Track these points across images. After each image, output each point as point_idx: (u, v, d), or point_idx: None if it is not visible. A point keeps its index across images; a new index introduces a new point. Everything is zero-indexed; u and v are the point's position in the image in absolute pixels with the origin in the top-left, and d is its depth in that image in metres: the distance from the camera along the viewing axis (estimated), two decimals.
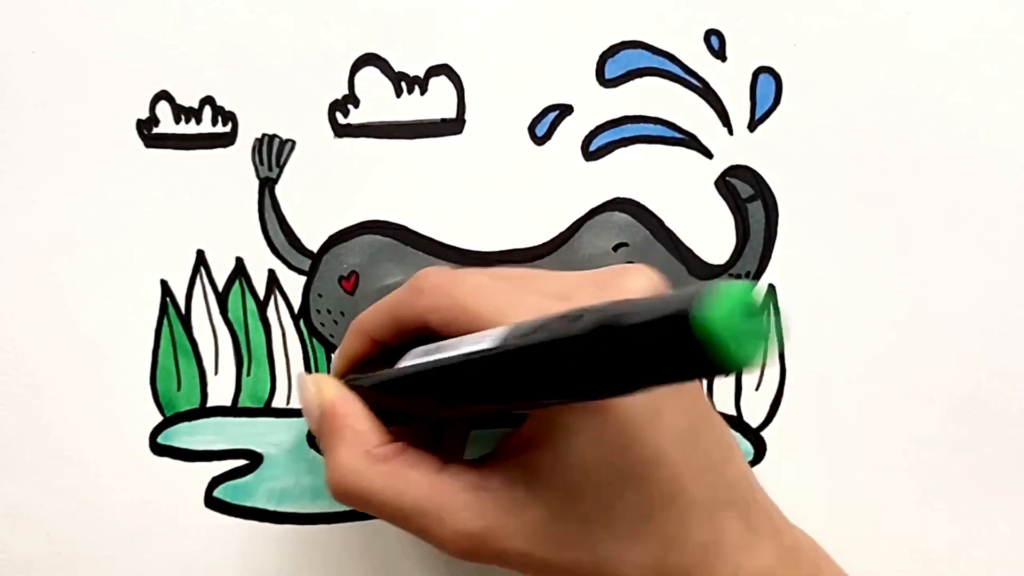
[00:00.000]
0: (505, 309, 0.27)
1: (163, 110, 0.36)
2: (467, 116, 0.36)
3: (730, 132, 0.36)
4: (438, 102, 0.36)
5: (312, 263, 0.36)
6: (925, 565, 0.38)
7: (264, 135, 0.36)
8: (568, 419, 0.27)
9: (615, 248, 0.36)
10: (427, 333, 0.29)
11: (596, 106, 0.36)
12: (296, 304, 0.36)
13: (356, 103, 0.36)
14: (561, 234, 0.36)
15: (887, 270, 0.37)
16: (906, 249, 0.37)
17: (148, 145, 0.36)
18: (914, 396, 0.37)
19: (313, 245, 0.36)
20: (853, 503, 0.37)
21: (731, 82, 0.36)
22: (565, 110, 0.36)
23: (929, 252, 0.37)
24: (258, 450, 0.37)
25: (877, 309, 0.37)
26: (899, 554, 0.38)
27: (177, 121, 0.36)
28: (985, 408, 0.37)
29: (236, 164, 0.36)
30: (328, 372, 0.36)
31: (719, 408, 0.37)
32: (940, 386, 0.37)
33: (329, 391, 0.30)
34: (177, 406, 0.36)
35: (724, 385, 0.37)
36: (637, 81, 0.36)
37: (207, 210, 0.36)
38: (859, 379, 0.37)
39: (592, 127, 0.36)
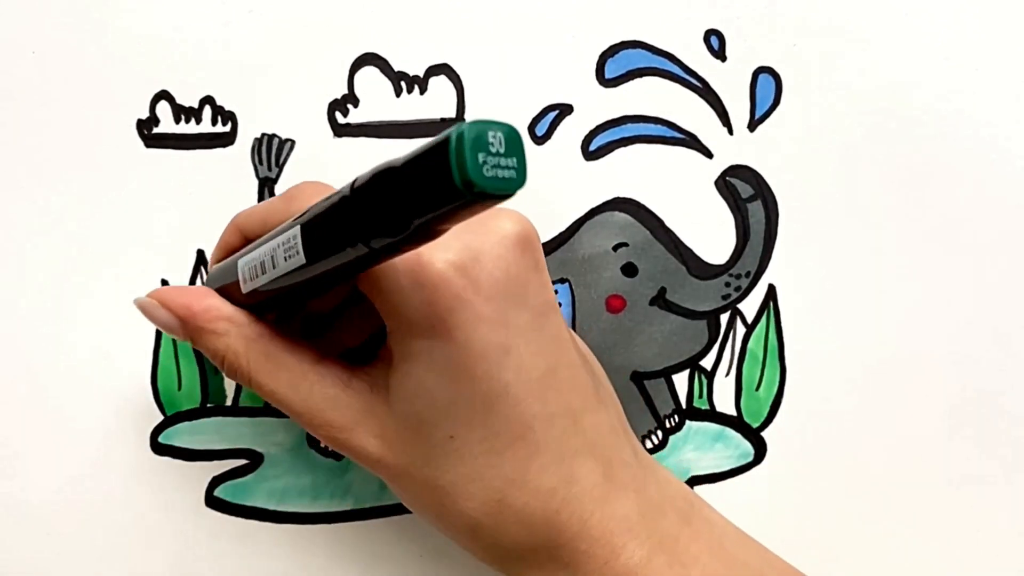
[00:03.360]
0: None
1: (163, 110, 0.36)
2: (467, 116, 0.36)
3: (730, 132, 0.36)
4: (438, 102, 0.36)
5: None
6: (925, 565, 0.38)
7: (264, 135, 0.36)
8: (413, 345, 0.27)
9: (615, 248, 0.36)
10: None
11: (596, 106, 0.36)
12: None
13: (356, 103, 0.36)
14: (561, 234, 0.36)
15: (887, 270, 0.37)
16: (906, 249, 0.37)
17: (148, 145, 0.36)
18: (913, 396, 0.37)
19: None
20: (852, 502, 0.37)
21: (731, 82, 0.36)
22: (565, 110, 0.36)
23: (929, 252, 0.37)
24: (258, 450, 0.37)
25: (877, 309, 0.37)
26: (899, 554, 0.38)
27: (177, 121, 0.36)
28: (985, 408, 0.37)
29: (236, 164, 0.36)
30: None
31: (719, 408, 0.37)
32: (939, 386, 0.37)
33: (176, 298, 0.30)
34: (178, 405, 0.36)
35: (724, 385, 0.37)
36: (637, 81, 0.36)
37: (207, 210, 0.36)
38: (859, 379, 0.37)
39: (592, 127, 0.36)
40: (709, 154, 0.37)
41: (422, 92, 0.36)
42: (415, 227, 0.22)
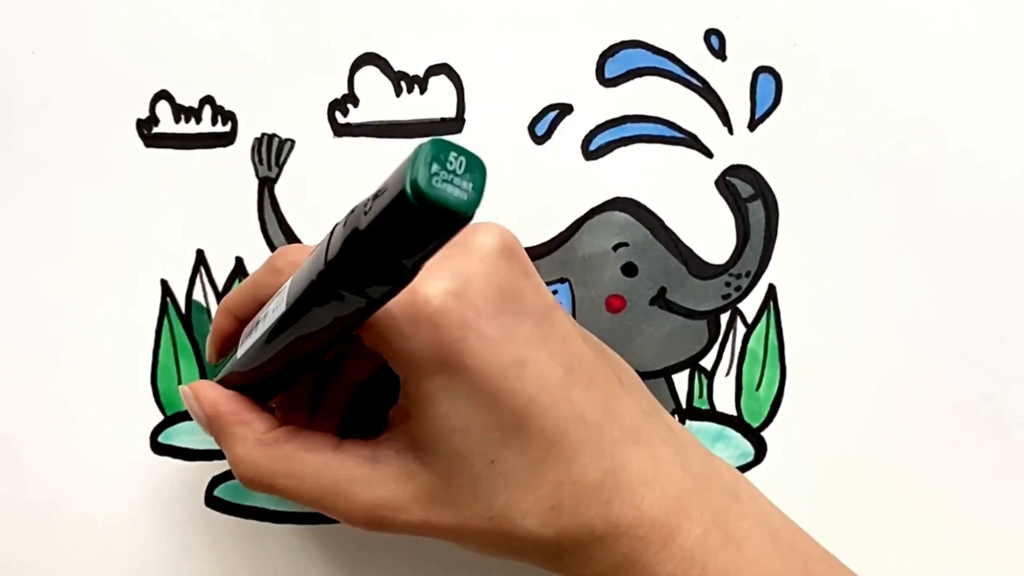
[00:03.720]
0: None
1: (163, 110, 0.36)
2: (467, 115, 0.36)
3: (730, 132, 0.36)
4: (438, 101, 0.36)
5: None
6: (925, 564, 0.38)
7: (264, 134, 0.36)
8: (429, 386, 0.27)
9: (615, 248, 0.36)
10: None
11: (596, 106, 0.36)
12: None
13: (356, 102, 0.36)
14: (561, 234, 0.36)
15: (887, 270, 0.37)
16: (906, 249, 0.37)
17: (148, 145, 0.36)
18: (914, 396, 0.37)
19: (313, 244, 0.36)
20: (853, 503, 0.37)
21: (731, 82, 0.36)
22: (565, 109, 0.36)
23: (929, 251, 0.37)
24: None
25: (877, 309, 0.37)
26: (899, 553, 0.38)
27: (177, 121, 0.36)
28: (985, 408, 0.37)
29: (236, 163, 0.36)
30: None
31: (719, 408, 0.37)
32: (940, 386, 0.37)
33: (208, 395, 0.31)
34: (178, 405, 0.36)
35: (724, 385, 0.37)
36: (637, 81, 0.36)
37: (207, 210, 0.36)
38: (859, 379, 0.37)
39: (592, 126, 0.36)
40: (709, 154, 0.37)
41: (422, 92, 0.36)
42: (391, 263, 0.23)
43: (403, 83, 0.36)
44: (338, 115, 0.36)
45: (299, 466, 0.29)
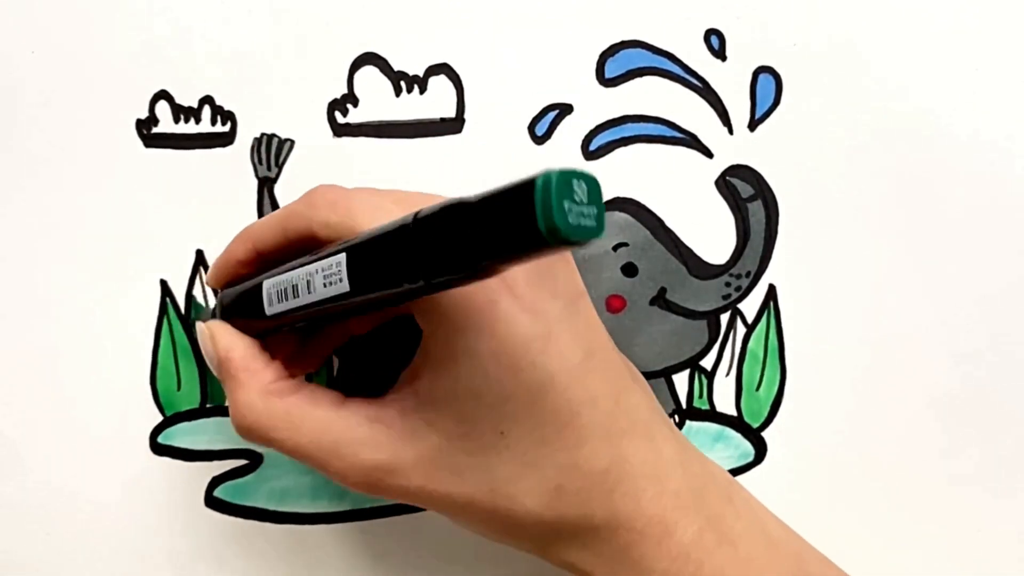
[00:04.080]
0: None
1: (162, 110, 0.36)
2: (467, 115, 0.36)
3: (730, 132, 0.36)
4: (438, 101, 0.36)
5: None
6: (925, 564, 0.38)
7: (263, 134, 0.36)
8: (455, 345, 0.27)
9: (615, 248, 0.36)
10: (312, 247, 0.29)
11: (596, 106, 0.36)
12: None
13: (355, 102, 0.36)
14: None
15: (887, 270, 0.37)
16: (906, 249, 0.37)
17: (148, 145, 0.36)
18: (913, 396, 0.37)
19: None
20: (853, 502, 0.37)
21: (731, 82, 0.36)
22: (565, 109, 0.36)
23: (929, 251, 0.37)
24: (258, 450, 0.37)
25: (877, 309, 0.37)
26: (899, 553, 0.38)
27: (176, 121, 0.36)
28: (985, 408, 0.37)
29: (235, 164, 0.36)
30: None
31: (719, 408, 0.37)
32: (940, 386, 0.37)
33: (223, 338, 0.30)
34: (177, 406, 0.36)
35: (724, 385, 0.37)
36: (637, 81, 0.36)
37: (207, 210, 0.36)
38: (859, 379, 0.37)
39: (592, 126, 0.36)
40: (709, 154, 0.37)
41: (422, 92, 0.36)
42: (483, 267, 0.22)
43: (403, 83, 0.36)
44: (338, 115, 0.36)
45: (299, 420, 0.28)
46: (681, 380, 0.37)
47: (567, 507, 0.28)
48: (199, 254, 0.36)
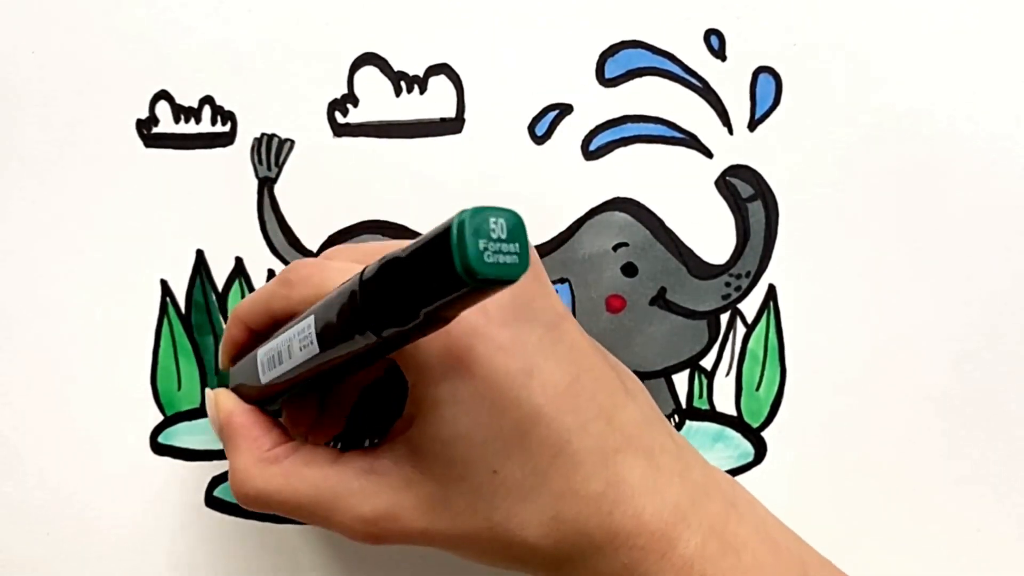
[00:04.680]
0: None
1: (163, 110, 0.36)
2: (467, 115, 0.36)
3: (730, 132, 0.36)
4: (438, 101, 0.36)
5: None
6: (925, 565, 0.38)
7: (263, 134, 0.36)
8: (438, 392, 0.27)
9: (615, 248, 0.36)
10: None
11: (596, 106, 0.36)
12: None
13: (355, 102, 0.36)
14: (561, 234, 0.36)
15: (887, 270, 0.37)
16: (906, 248, 0.37)
17: (148, 145, 0.36)
18: (913, 396, 0.37)
19: (312, 245, 0.36)
20: (853, 503, 0.37)
21: (731, 82, 0.36)
22: (565, 109, 0.36)
23: (929, 251, 0.37)
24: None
25: (877, 309, 0.37)
26: (899, 553, 0.38)
27: (176, 121, 0.36)
28: (984, 408, 0.37)
29: (235, 164, 0.36)
30: None
31: (719, 408, 0.37)
32: (940, 385, 0.37)
33: (225, 405, 0.31)
34: (177, 406, 0.36)
35: (724, 385, 0.37)
36: (637, 81, 0.36)
37: (207, 210, 0.36)
38: (859, 379, 0.37)
39: (592, 127, 0.36)
40: (709, 154, 0.37)
41: (422, 92, 0.36)
42: (424, 316, 0.22)
43: (403, 83, 0.36)
44: (338, 115, 0.36)
45: (297, 481, 0.29)
46: (681, 380, 0.37)
47: (566, 533, 0.28)
48: (199, 254, 0.36)
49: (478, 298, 0.22)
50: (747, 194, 0.37)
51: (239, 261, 0.36)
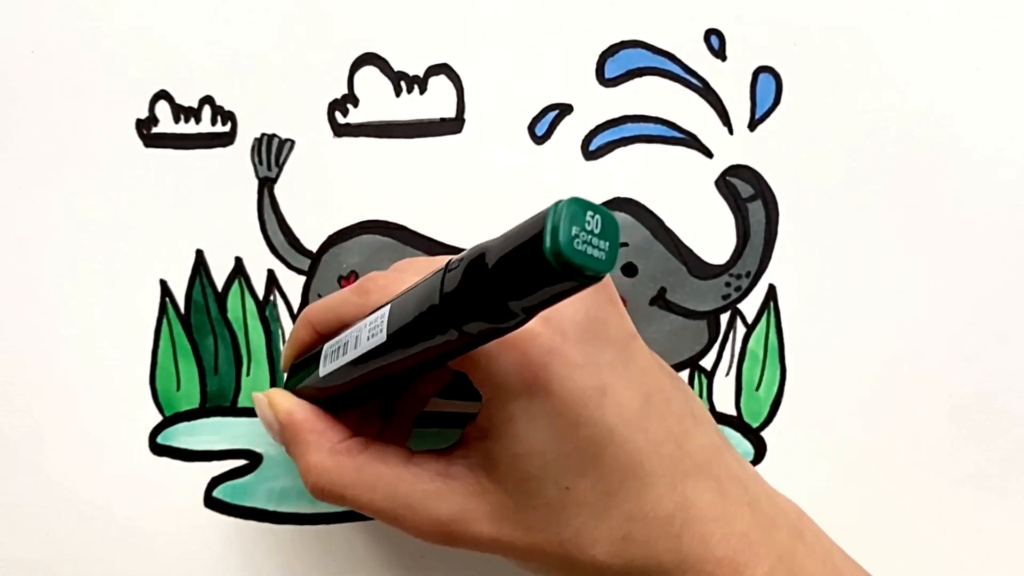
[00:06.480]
0: None
1: (162, 110, 0.36)
2: (467, 116, 0.36)
3: (730, 132, 0.36)
4: (438, 101, 0.36)
5: (311, 263, 0.36)
6: (925, 565, 0.38)
7: (263, 134, 0.36)
8: (512, 408, 0.27)
9: None
10: None
11: (596, 106, 0.36)
12: (296, 304, 0.36)
13: (355, 102, 0.36)
14: None
15: (887, 270, 0.37)
16: (906, 249, 0.37)
17: (147, 145, 0.36)
18: (914, 396, 0.37)
19: (312, 245, 0.36)
20: (853, 503, 0.37)
21: (731, 82, 0.36)
22: (565, 109, 0.36)
23: (929, 251, 0.37)
24: (258, 450, 0.37)
25: (877, 309, 0.37)
26: (899, 553, 0.38)
27: (176, 121, 0.36)
28: (985, 408, 0.37)
29: (235, 164, 0.36)
30: None
31: (719, 408, 0.37)
32: (940, 385, 0.37)
33: (282, 403, 0.31)
34: (177, 406, 0.36)
35: (724, 385, 0.37)
36: (637, 81, 0.36)
37: (206, 210, 0.36)
38: (859, 379, 0.37)
39: (592, 127, 0.36)
40: (709, 154, 0.37)
41: (422, 92, 0.36)
42: (509, 310, 0.22)
43: (403, 83, 0.36)
44: (338, 115, 0.36)
45: (372, 477, 0.29)
46: None
47: (635, 555, 0.28)
48: (199, 254, 0.36)
49: (560, 292, 0.21)
50: (747, 194, 0.37)
51: (239, 261, 0.36)
